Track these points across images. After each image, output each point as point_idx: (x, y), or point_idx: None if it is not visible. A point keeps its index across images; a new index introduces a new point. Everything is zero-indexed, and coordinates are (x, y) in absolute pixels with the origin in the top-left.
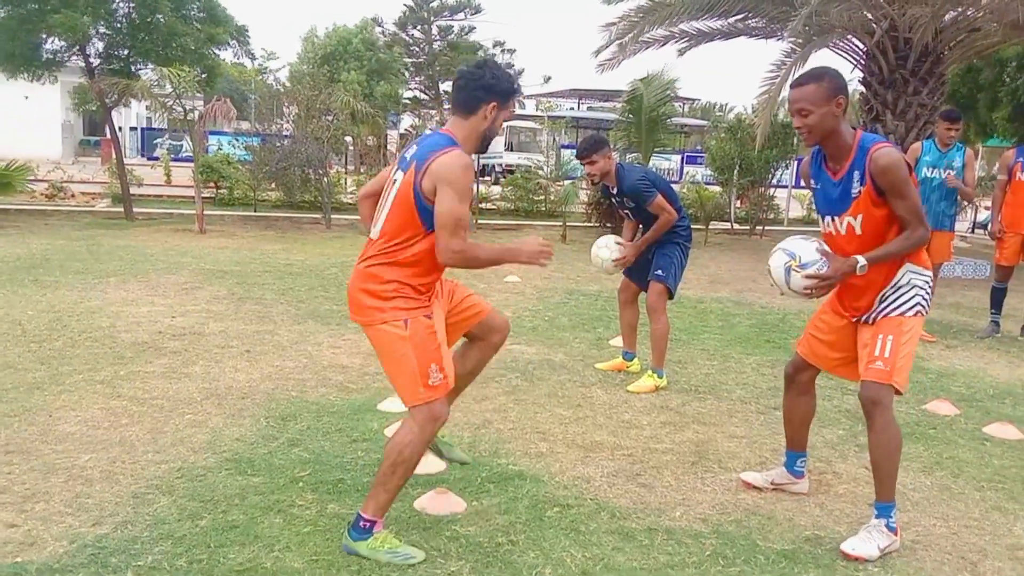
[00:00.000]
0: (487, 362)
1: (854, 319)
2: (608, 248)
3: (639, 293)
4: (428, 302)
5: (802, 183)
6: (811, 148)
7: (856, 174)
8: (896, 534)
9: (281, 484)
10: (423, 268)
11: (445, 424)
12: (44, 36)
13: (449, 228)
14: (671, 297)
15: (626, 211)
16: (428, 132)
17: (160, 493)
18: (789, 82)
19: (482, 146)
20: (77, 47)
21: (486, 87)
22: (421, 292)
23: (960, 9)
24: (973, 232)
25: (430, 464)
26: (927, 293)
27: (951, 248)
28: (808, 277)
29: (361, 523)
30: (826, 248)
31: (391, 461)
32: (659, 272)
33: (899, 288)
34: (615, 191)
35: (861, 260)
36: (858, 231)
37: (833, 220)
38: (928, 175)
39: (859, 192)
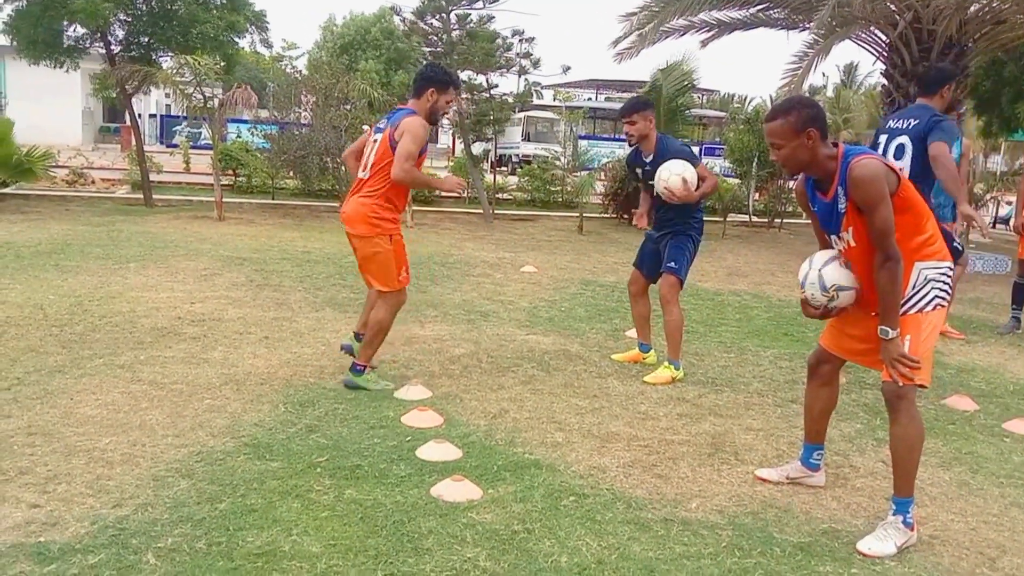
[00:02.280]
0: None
1: (874, 314)
2: (685, 173)
3: (648, 286)
4: (399, 224)
5: (798, 204)
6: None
7: (840, 190)
8: (913, 530)
9: (299, 469)
10: (396, 196)
11: (458, 403)
12: (66, 23)
13: (402, 157)
14: (682, 281)
15: (651, 182)
16: (396, 108)
17: (180, 476)
18: (812, 73)
19: (431, 119)
20: (98, 34)
21: (427, 79)
22: (396, 214)
23: (985, 1)
24: (994, 227)
25: (446, 452)
26: (944, 284)
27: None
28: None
29: (357, 367)
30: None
31: (374, 330)
32: (672, 264)
33: (916, 288)
34: (649, 159)
35: (890, 332)
36: (853, 243)
37: (839, 238)
38: None
39: (845, 207)
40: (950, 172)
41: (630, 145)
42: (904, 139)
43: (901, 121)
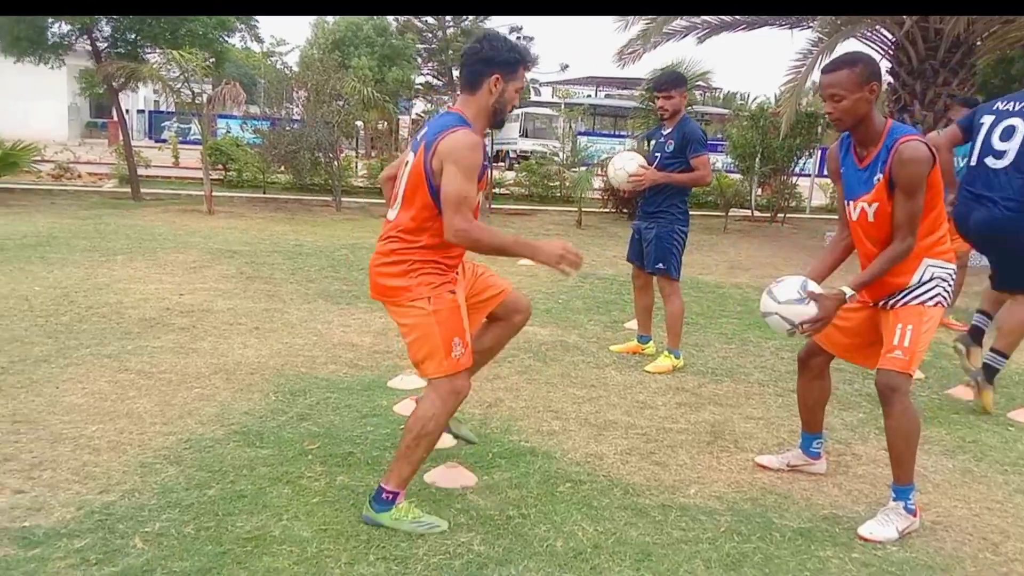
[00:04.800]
0: (506, 342)
1: (871, 304)
2: (625, 168)
3: (651, 279)
4: (452, 278)
5: (827, 170)
6: (840, 134)
7: (881, 163)
8: (915, 515)
9: (290, 456)
10: (443, 245)
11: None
12: (50, 20)
13: (452, 206)
14: (676, 279)
15: (656, 155)
16: (440, 112)
17: (168, 463)
18: (816, 71)
19: (495, 122)
20: (83, 31)
21: (486, 60)
22: (446, 268)
23: None
24: None
25: (440, 440)
26: (949, 285)
27: None
28: (803, 323)
29: (383, 495)
30: (813, 288)
31: (414, 434)
32: (660, 266)
33: (922, 282)
34: (666, 132)
35: (848, 291)
36: (870, 218)
37: (851, 204)
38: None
39: (879, 180)
40: None
41: (662, 120)
42: (1016, 121)
43: (1012, 104)
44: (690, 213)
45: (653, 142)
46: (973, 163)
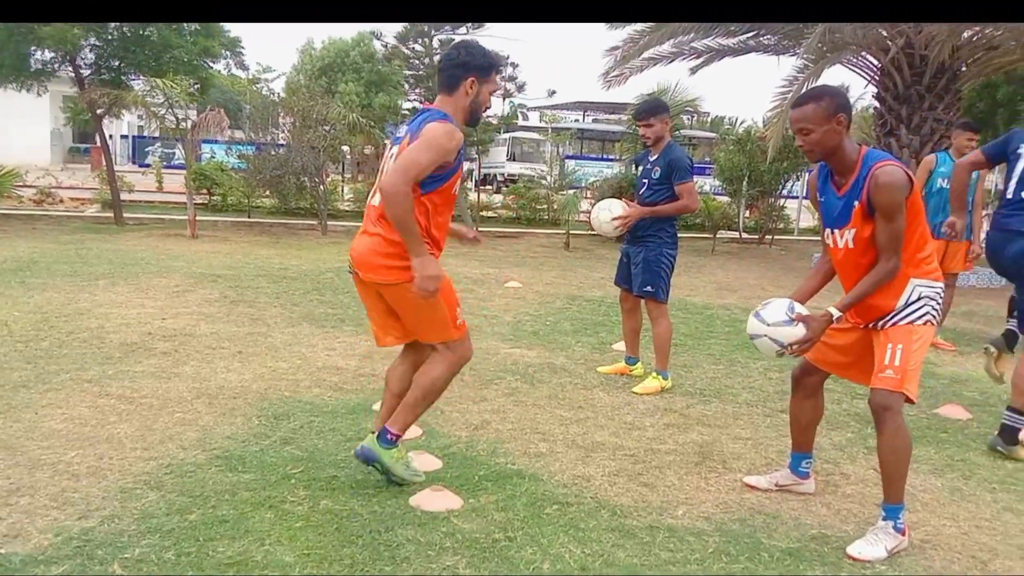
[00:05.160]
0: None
1: (862, 326)
2: (609, 210)
3: (639, 301)
4: (436, 254)
5: (808, 197)
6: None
7: (857, 188)
8: (904, 535)
9: (273, 481)
10: (426, 225)
11: (438, 415)
12: (33, 48)
13: (401, 167)
14: (663, 302)
15: (643, 181)
16: (420, 109)
17: (148, 488)
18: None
19: (472, 119)
20: (67, 57)
21: (462, 64)
22: (431, 244)
23: (978, 28)
24: None
25: (425, 463)
26: (937, 304)
27: (968, 257)
28: (792, 344)
29: (389, 436)
30: (800, 310)
31: (423, 391)
32: (648, 288)
33: (909, 302)
34: (653, 158)
35: (835, 312)
36: (851, 244)
37: (833, 233)
38: (943, 186)
39: (856, 206)
40: None
41: (646, 147)
42: None
43: None
44: (678, 236)
45: (640, 167)
46: (1010, 195)
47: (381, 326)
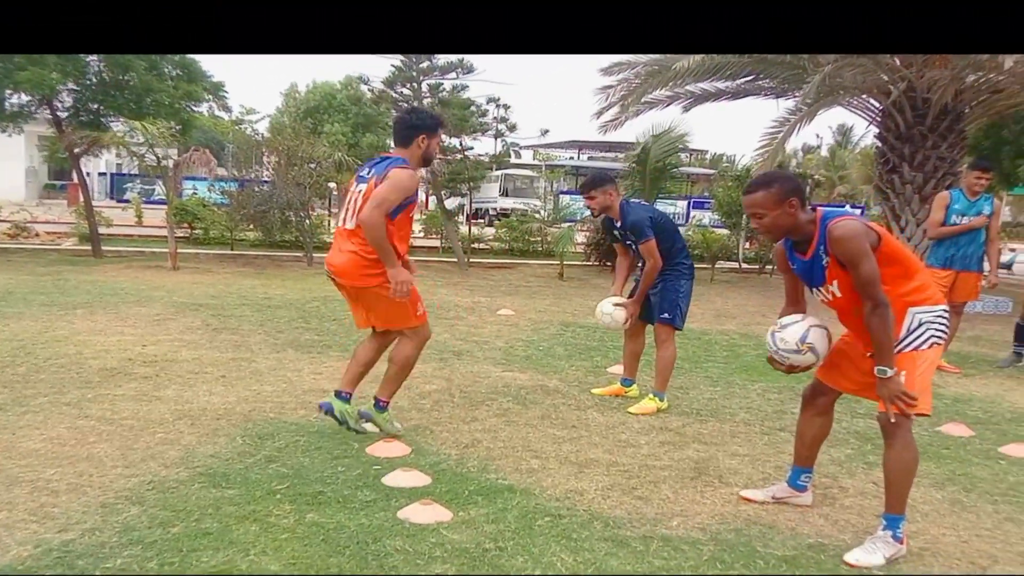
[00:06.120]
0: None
1: (869, 355)
2: (611, 315)
3: (645, 326)
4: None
5: (777, 267)
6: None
7: (821, 249)
8: (902, 543)
9: (258, 496)
10: (393, 238)
11: (428, 434)
12: (9, 91)
13: (374, 202)
14: (679, 329)
15: (629, 243)
16: (380, 156)
17: (130, 503)
18: (793, 137)
19: (424, 164)
20: (44, 101)
21: (414, 126)
22: (399, 255)
23: (982, 72)
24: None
25: (414, 479)
26: (941, 326)
27: (979, 287)
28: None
29: (381, 403)
30: (812, 340)
31: (399, 366)
32: (665, 315)
33: (910, 330)
34: (619, 224)
35: (888, 372)
36: (839, 294)
37: (819, 291)
38: (957, 221)
39: (827, 262)
40: None
41: (594, 216)
42: None
43: None
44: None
45: (615, 232)
46: None
47: (358, 315)
